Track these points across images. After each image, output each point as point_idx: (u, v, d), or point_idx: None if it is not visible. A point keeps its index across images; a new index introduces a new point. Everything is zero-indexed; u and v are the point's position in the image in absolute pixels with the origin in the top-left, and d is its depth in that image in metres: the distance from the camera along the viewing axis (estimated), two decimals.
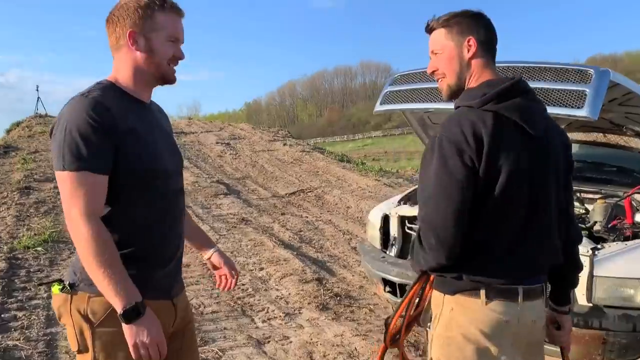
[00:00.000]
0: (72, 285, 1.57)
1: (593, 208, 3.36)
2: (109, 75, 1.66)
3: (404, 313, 1.77)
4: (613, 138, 3.92)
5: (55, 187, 8.57)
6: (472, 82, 1.67)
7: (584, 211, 3.47)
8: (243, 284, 5.11)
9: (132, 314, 1.47)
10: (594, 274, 2.78)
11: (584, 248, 2.71)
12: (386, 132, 63.75)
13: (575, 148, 4.00)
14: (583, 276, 2.39)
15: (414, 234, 3.74)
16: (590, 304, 2.81)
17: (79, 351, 1.58)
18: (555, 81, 2.72)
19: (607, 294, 2.78)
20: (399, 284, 3.54)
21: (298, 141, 16.16)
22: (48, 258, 5.61)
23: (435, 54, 1.71)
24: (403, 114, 4.08)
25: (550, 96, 2.77)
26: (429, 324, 1.74)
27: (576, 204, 3.37)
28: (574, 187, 2.53)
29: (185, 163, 7.26)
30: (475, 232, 1.57)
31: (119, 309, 1.47)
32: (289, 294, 4.86)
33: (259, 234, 6.84)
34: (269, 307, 4.52)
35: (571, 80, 2.69)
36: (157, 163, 1.62)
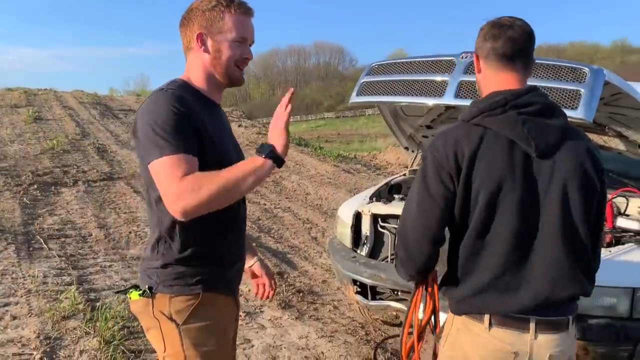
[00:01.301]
0: (150, 289, 1.58)
1: None
2: (182, 75, 1.67)
3: (412, 326, 1.72)
4: (592, 137, 3.85)
5: None
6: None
7: None
8: None
9: (277, 157, 1.49)
10: None
11: None
12: (339, 113, 63.79)
13: None
14: None
15: (386, 232, 3.56)
16: None
17: (167, 351, 1.58)
18: (548, 79, 2.55)
19: (589, 303, 2.68)
20: (370, 286, 3.35)
21: (253, 122, 15.72)
22: None
23: None
24: (376, 105, 3.86)
25: None
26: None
27: None
28: None
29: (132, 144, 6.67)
30: (469, 257, 1.51)
31: (269, 160, 1.47)
32: (249, 290, 4.60)
33: None
34: None
35: (564, 79, 2.53)
36: (228, 166, 1.58)
